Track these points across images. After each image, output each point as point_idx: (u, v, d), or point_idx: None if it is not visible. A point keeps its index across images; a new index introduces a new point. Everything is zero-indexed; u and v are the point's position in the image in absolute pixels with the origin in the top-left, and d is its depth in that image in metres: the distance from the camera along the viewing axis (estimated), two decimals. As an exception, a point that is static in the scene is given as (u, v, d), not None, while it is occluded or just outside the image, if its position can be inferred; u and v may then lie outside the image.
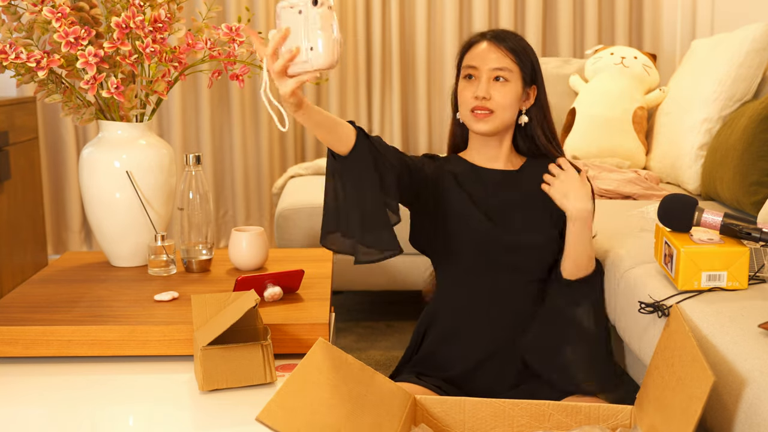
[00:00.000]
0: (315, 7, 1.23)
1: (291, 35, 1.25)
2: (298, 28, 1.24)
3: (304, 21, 1.23)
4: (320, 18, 1.23)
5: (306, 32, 1.24)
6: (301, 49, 1.25)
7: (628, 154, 3.06)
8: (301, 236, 2.75)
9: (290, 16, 1.24)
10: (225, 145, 3.74)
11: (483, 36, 1.72)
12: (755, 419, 1.18)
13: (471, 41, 1.74)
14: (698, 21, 3.77)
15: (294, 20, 1.24)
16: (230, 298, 1.63)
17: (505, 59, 1.67)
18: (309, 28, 1.23)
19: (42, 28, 1.91)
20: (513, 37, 1.70)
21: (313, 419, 1.22)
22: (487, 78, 1.67)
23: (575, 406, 1.44)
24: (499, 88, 1.66)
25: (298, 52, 1.26)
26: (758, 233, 1.49)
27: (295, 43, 1.25)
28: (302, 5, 1.23)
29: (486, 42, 1.70)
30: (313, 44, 1.24)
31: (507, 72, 1.66)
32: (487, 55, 1.67)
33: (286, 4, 1.26)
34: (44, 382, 1.55)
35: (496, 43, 1.68)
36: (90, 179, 2.03)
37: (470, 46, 1.73)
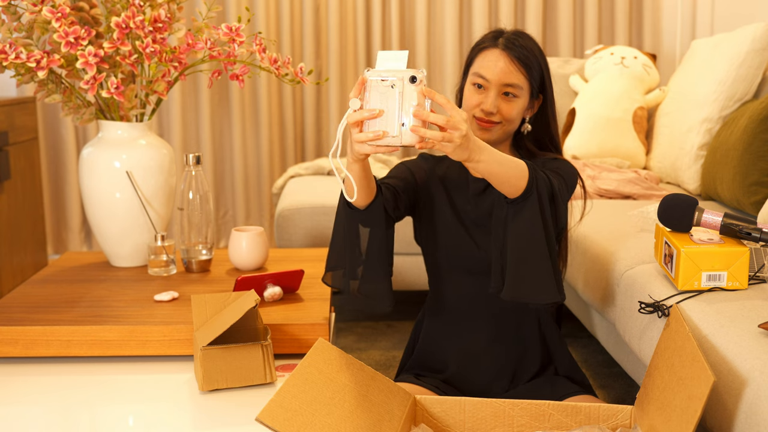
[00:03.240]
0: (413, 84, 1.22)
1: (384, 107, 1.23)
2: (392, 103, 1.22)
3: (399, 97, 1.22)
4: (417, 97, 1.22)
5: (400, 109, 1.22)
6: (393, 125, 1.23)
7: (628, 154, 3.06)
8: (301, 236, 2.75)
9: (382, 90, 1.22)
10: (225, 145, 3.74)
11: (497, 39, 1.65)
12: (755, 419, 1.18)
13: (485, 43, 1.67)
14: (698, 21, 3.78)
15: (386, 94, 1.22)
16: (230, 298, 1.63)
17: (517, 75, 1.62)
18: (404, 105, 1.22)
19: (42, 28, 1.91)
20: (527, 46, 1.63)
21: (313, 419, 1.22)
22: (497, 92, 1.62)
23: (575, 406, 1.44)
24: (508, 103, 1.63)
25: (386, 134, 1.24)
26: (758, 233, 1.49)
27: (386, 118, 1.23)
28: (396, 80, 1.22)
29: (500, 51, 1.63)
30: (406, 121, 1.23)
31: (517, 89, 1.62)
32: (500, 69, 1.61)
33: (377, 77, 1.24)
34: (44, 382, 1.55)
35: (510, 54, 1.62)
36: (90, 179, 2.03)
37: (482, 49, 1.66)
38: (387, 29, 3.73)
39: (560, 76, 3.37)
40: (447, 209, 1.67)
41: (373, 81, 1.23)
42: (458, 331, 1.68)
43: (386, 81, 1.22)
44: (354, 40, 3.72)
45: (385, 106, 1.23)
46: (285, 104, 3.73)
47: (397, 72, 1.23)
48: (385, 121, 1.23)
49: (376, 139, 1.25)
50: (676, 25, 3.81)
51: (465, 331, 1.68)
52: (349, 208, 1.51)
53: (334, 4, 3.65)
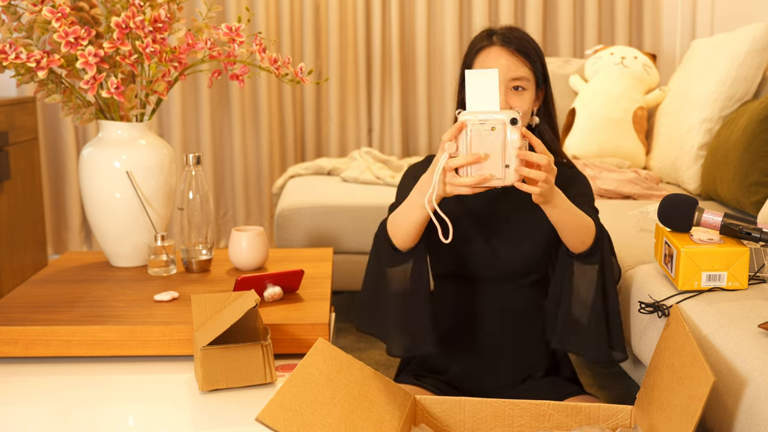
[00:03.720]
0: (514, 126, 1.24)
1: (486, 150, 1.26)
2: (495, 146, 1.24)
3: (501, 140, 1.24)
4: (520, 139, 1.25)
5: (504, 152, 1.25)
6: (498, 167, 1.26)
7: (628, 154, 3.06)
8: (301, 236, 2.75)
9: (483, 133, 1.25)
10: (225, 145, 3.74)
11: (492, 37, 1.64)
12: (755, 419, 1.18)
13: (481, 44, 1.65)
14: (698, 21, 3.78)
15: (488, 137, 1.24)
16: (230, 298, 1.63)
17: (521, 68, 1.60)
18: (508, 148, 1.25)
19: (42, 28, 1.91)
20: (523, 39, 1.63)
21: (313, 419, 1.22)
22: (505, 88, 1.60)
23: (575, 406, 1.44)
24: (517, 97, 1.60)
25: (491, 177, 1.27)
26: (758, 233, 1.49)
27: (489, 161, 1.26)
28: (497, 123, 1.24)
29: (498, 48, 1.61)
30: (509, 162, 1.25)
31: (524, 81, 1.60)
32: (504, 65, 1.60)
33: (475, 119, 1.25)
34: (44, 382, 1.55)
35: (510, 49, 1.60)
36: (90, 179, 2.03)
37: (480, 50, 1.64)
38: (387, 29, 3.73)
39: (560, 76, 3.37)
40: (460, 210, 1.65)
41: (473, 126, 1.24)
42: (462, 334, 1.68)
43: (486, 124, 1.24)
44: (354, 40, 3.72)
45: (487, 149, 1.25)
46: (285, 104, 3.73)
47: (495, 114, 1.26)
48: (490, 164, 1.26)
49: (481, 183, 1.27)
50: (676, 25, 3.81)
51: (469, 334, 1.67)
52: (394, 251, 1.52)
53: (334, 4, 3.65)
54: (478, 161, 1.28)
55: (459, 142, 1.29)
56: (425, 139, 3.80)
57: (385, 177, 3.05)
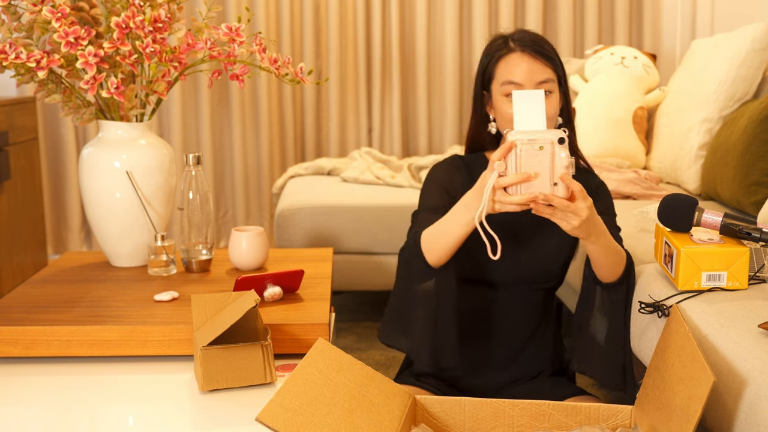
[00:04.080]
0: (562, 145, 1.28)
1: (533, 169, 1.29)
2: (543, 165, 1.28)
3: (549, 159, 1.28)
4: (567, 157, 1.29)
5: (552, 170, 1.29)
6: (546, 185, 1.30)
7: (628, 154, 3.06)
8: (301, 236, 2.75)
9: (531, 152, 1.28)
10: (225, 145, 3.74)
11: (511, 43, 1.61)
12: (755, 419, 1.18)
13: (500, 51, 1.61)
14: (698, 21, 3.78)
15: (537, 157, 1.28)
16: (230, 298, 1.63)
17: (546, 70, 1.58)
18: (556, 166, 1.29)
19: (42, 28, 1.91)
20: (541, 41, 1.61)
21: (313, 419, 1.22)
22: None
23: (575, 406, 1.44)
24: (546, 100, 1.57)
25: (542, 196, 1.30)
26: (758, 233, 1.49)
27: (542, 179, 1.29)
28: (544, 142, 1.27)
29: (520, 53, 1.59)
30: (558, 180, 1.30)
31: (550, 83, 1.58)
32: (529, 69, 1.57)
33: (524, 137, 1.28)
34: (44, 382, 1.55)
35: (533, 53, 1.58)
36: (90, 179, 2.03)
37: (500, 58, 1.61)
38: (387, 29, 3.73)
39: (560, 76, 3.37)
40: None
41: (522, 146, 1.28)
42: (470, 336, 1.68)
43: (534, 144, 1.27)
44: (354, 40, 3.72)
45: (536, 168, 1.29)
46: (285, 104, 3.73)
47: (543, 133, 1.29)
48: (539, 183, 1.29)
49: (530, 201, 1.31)
50: (676, 25, 3.81)
51: (482, 335, 1.67)
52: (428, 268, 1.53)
53: (334, 4, 3.65)
54: (528, 180, 1.30)
55: (508, 161, 1.32)
56: (425, 139, 3.80)
57: (385, 177, 3.05)
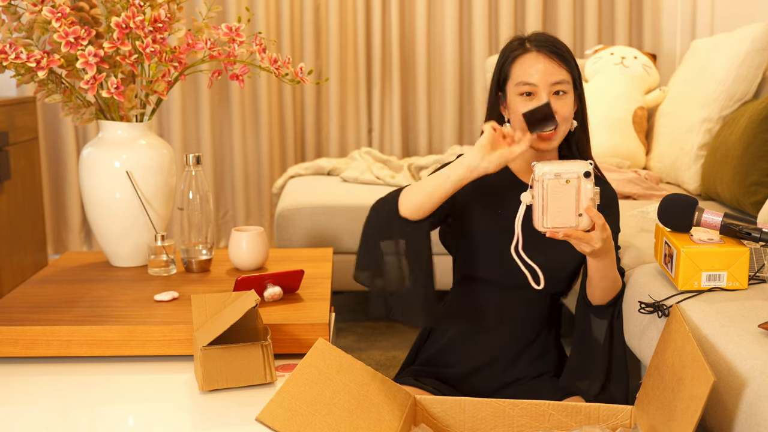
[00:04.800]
0: (587, 179, 1.33)
1: (559, 202, 1.35)
2: (569, 198, 1.34)
3: (575, 192, 1.34)
4: (592, 189, 1.34)
5: (578, 203, 1.35)
6: (572, 216, 1.36)
7: (628, 154, 3.06)
8: (301, 236, 2.75)
9: (558, 186, 1.34)
10: (225, 145, 3.74)
11: (527, 44, 1.61)
12: (755, 419, 1.18)
13: (516, 52, 1.62)
14: (698, 21, 3.78)
15: (562, 190, 1.34)
16: (230, 298, 1.63)
17: (561, 71, 1.58)
18: (581, 199, 1.35)
19: (42, 28, 1.91)
20: (556, 42, 1.61)
21: (313, 419, 1.22)
22: (548, 93, 1.57)
23: (575, 406, 1.44)
24: (560, 101, 1.58)
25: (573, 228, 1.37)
26: (758, 233, 1.49)
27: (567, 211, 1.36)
28: (571, 176, 1.33)
29: (536, 53, 1.59)
30: (582, 211, 1.36)
31: (565, 84, 1.58)
32: (545, 70, 1.58)
33: (551, 172, 1.34)
34: (44, 382, 1.55)
35: (548, 54, 1.58)
36: (90, 179, 2.03)
37: (516, 58, 1.61)
38: (387, 29, 3.73)
39: (560, 76, 3.37)
40: (491, 216, 1.63)
41: (548, 179, 1.33)
42: (476, 337, 1.67)
43: (561, 177, 1.33)
44: (354, 40, 3.72)
45: (562, 201, 1.34)
46: (285, 104, 3.73)
47: (569, 165, 1.34)
48: (565, 214, 1.36)
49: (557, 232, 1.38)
50: (676, 25, 3.81)
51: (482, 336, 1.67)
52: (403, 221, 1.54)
53: (334, 4, 3.65)
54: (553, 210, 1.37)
55: (535, 193, 1.36)
56: (425, 139, 3.80)
57: (385, 177, 3.05)
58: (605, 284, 1.56)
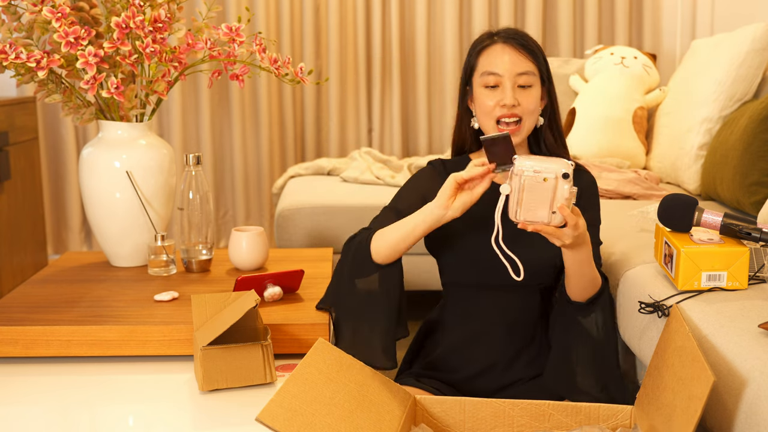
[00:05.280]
0: (565, 179, 1.36)
1: (535, 197, 1.37)
2: (545, 195, 1.36)
3: (551, 190, 1.36)
4: (568, 191, 1.37)
5: (552, 200, 1.37)
6: (546, 213, 1.38)
7: (628, 154, 3.06)
8: (301, 236, 2.75)
9: (535, 182, 1.36)
10: (225, 145, 3.74)
11: (494, 37, 1.63)
12: (755, 419, 1.18)
13: (483, 43, 1.64)
14: (698, 21, 3.78)
15: (539, 187, 1.36)
16: (230, 298, 1.63)
17: (526, 62, 1.60)
18: (557, 197, 1.37)
19: (42, 28, 1.91)
20: (525, 36, 1.63)
21: (313, 419, 1.22)
22: (512, 85, 1.59)
23: (575, 406, 1.44)
24: (525, 93, 1.60)
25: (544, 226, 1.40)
26: (758, 233, 1.49)
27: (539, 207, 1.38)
28: (549, 175, 1.35)
29: (502, 44, 1.61)
30: (556, 209, 1.38)
31: (531, 76, 1.60)
32: (509, 60, 1.59)
33: (531, 170, 1.36)
34: (44, 382, 1.55)
35: (515, 45, 1.60)
36: (90, 179, 2.03)
37: (482, 49, 1.64)
38: (387, 29, 3.73)
39: (560, 76, 3.37)
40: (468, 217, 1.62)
41: (527, 174, 1.36)
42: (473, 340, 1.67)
43: (539, 175, 1.35)
44: (354, 40, 3.72)
45: (538, 197, 1.37)
46: (285, 104, 3.73)
47: (549, 163, 1.36)
48: (539, 210, 1.38)
49: (528, 225, 1.40)
50: (676, 25, 3.81)
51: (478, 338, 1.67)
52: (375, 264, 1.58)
53: (334, 4, 3.65)
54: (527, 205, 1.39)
55: (512, 184, 1.38)
56: (425, 139, 3.80)
57: (385, 177, 3.04)
58: (583, 281, 1.55)
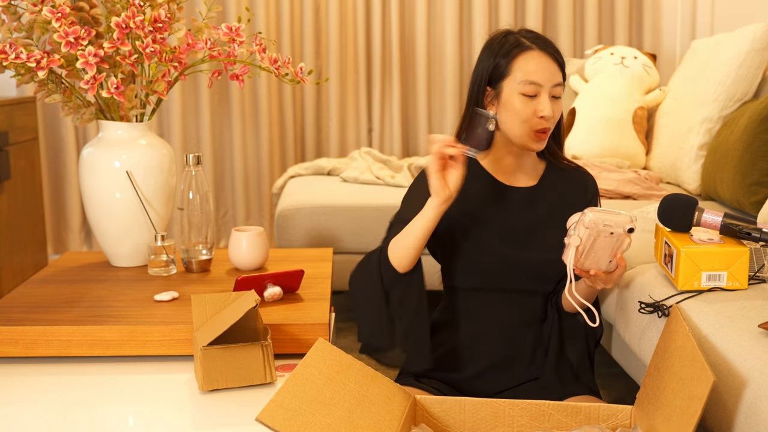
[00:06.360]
0: (629, 234, 1.45)
1: (600, 248, 1.46)
2: (609, 247, 1.45)
3: (616, 242, 1.45)
4: (629, 246, 1.46)
5: (615, 252, 1.46)
6: (605, 261, 1.47)
7: (628, 154, 3.06)
8: (301, 236, 2.75)
9: (603, 234, 1.44)
10: (225, 145, 3.74)
11: (523, 41, 1.58)
12: (755, 419, 1.18)
13: (518, 48, 1.57)
14: (698, 21, 3.78)
15: (605, 239, 1.45)
16: (230, 298, 1.63)
17: (560, 74, 1.58)
18: (619, 250, 1.46)
19: (42, 28, 1.91)
20: (554, 45, 1.60)
21: (313, 419, 1.22)
22: (548, 95, 1.56)
23: (575, 406, 1.44)
24: (556, 104, 1.58)
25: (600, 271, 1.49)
26: (758, 233, 1.49)
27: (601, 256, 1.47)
28: (617, 229, 1.44)
29: (540, 52, 1.56)
30: (613, 259, 1.47)
31: (561, 88, 1.58)
32: (549, 70, 1.56)
33: (602, 224, 1.44)
34: (44, 382, 1.55)
35: (548, 53, 1.57)
36: (90, 179, 2.03)
37: (518, 54, 1.57)
38: (387, 29, 3.73)
39: (560, 76, 3.37)
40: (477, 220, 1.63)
41: (600, 227, 1.44)
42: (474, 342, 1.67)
43: (608, 229, 1.44)
44: (354, 40, 3.72)
45: (602, 247, 1.45)
46: (285, 104, 3.73)
47: (617, 218, 1.44)
48: (601, 259, 1.47)
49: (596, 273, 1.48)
50: (676, 25, 3.81)
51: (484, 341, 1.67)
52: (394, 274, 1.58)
53: (334, 4, 3.65)
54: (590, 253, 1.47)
55: (581, 235, 1.45)
56: (425, 139, 3.80)
57: (385, 177, 3.05)
58: (588, 300, 1.60)
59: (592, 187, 1.70)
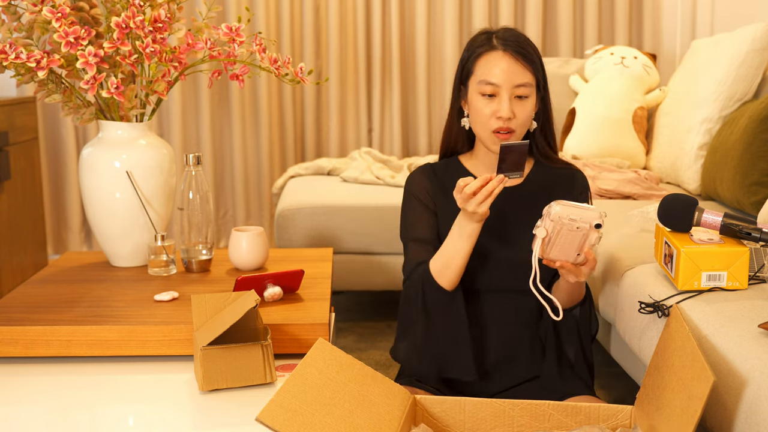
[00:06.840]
0: (597, 230, 1.44)
1: (566, 241, 1.45)
2: (575, 240, 1.45)
3: (582, 237, 1.44)
4: (597, 239, 1.45)
5: (582, 246, 1.46)
6: (572, 254, 1.47)
7: (628, 154, 3.06)
8: (301, 236, 2.75)
9: (569, 229, 1.44)
10: (225, 145, 3.74)
11: (493, 41, 1.60)
12: (755, 419, 1.18)
13: (482, 48, 1.61)
14: (698, 21, 3.78)
15: (571, 233, 1.44)
16: (230, 298, 1.63)
17: (525, 73, 1.58)
18: (585, 243, 1.46)
19: (42, 28, 1.91)
20: (524, 42, 1.60)
21: (313, 419, 1.22)
22: (509, 96, 1.57)
23: (575, 406, 1.44)
24: (521, 105, 1.58)
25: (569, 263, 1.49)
26: (758, 233, 1.49)
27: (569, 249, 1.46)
28: (583, 224, 1.43)
29: (501, 52, 1.58)
30: (581, 253, 1.47)
31: (528, 87, 1.58)
32: (508, 70, 1.57)
33: (567, 217, 1.43)
34: (44, 382, 1.55)
35: (514, 55, 1.58)
36: (90, 179, 2.03)
37: (481, 54, 1.61)
38: (387, 29, 3.73)
39: (560, 76, 3.37)
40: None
41: (563, 222, 1.43)
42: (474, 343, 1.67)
43: (574, 223, 1.44)
44: (354, 40, 3.72)
45: (569, 241, 1.45)
46: (285, 104, 3.73)
47: (584, 212, 1.43)
48: (568, 251, 1.46)
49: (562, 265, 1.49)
50: (676, 25, 3.81)
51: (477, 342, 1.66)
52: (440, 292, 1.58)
53: (334, 4, 3.65)
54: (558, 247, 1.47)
55: (547, 227, 1.45)
56: (425, 139, 3.80)
57: (385, 177, 3.05)
58: (573, 296, 1.60)
59: (581, 182, 1.69)
